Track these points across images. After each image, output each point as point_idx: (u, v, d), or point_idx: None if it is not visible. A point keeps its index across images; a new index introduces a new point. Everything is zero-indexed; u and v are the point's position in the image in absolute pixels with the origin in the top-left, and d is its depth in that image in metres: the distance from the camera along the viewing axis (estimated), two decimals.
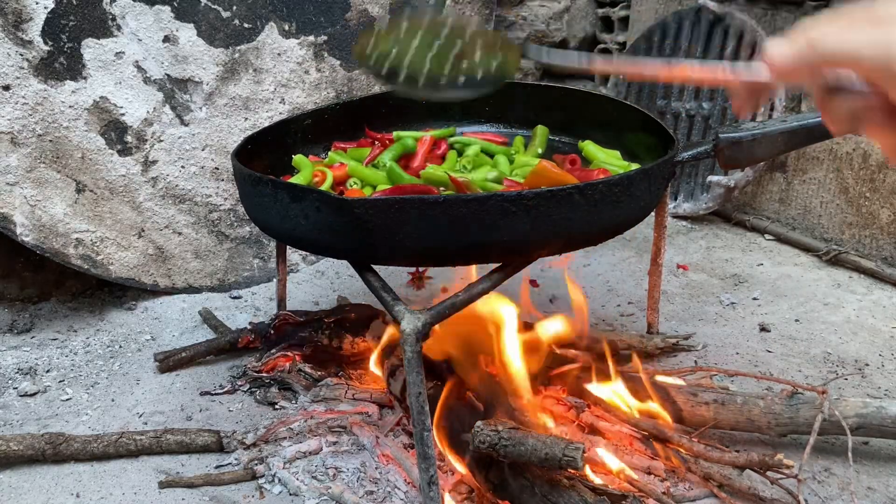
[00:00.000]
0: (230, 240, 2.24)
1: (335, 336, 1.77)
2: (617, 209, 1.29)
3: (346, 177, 1.58)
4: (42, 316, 2.09)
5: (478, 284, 1.29)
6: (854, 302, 2.13)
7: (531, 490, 1.30)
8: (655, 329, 1.83)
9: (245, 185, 1.41)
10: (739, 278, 2.28)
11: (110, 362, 1.88)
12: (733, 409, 1.51)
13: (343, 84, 2.34)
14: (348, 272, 2.30)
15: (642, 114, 1.65)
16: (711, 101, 2.59)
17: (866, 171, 2.32)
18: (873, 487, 1.43)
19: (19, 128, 1.91)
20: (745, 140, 1.54)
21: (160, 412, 1.68)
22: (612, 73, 2.31)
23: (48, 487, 1.45)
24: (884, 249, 2.31)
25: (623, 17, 3.01)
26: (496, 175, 1.54)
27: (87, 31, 1.96)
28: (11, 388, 1.77)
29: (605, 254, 2.43)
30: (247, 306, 2.14)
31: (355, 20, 2.32)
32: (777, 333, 1.97)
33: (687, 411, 1.53)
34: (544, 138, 1.76)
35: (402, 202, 1.19)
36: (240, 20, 2.16)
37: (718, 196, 2.57)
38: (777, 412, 1.48)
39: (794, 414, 1.47)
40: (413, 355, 1.20)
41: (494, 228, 1.20)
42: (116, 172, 2.05)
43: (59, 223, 1.98)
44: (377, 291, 1.29)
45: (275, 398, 1.68)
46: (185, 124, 2.14)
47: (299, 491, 1.41)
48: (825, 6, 2.37)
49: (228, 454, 1.53)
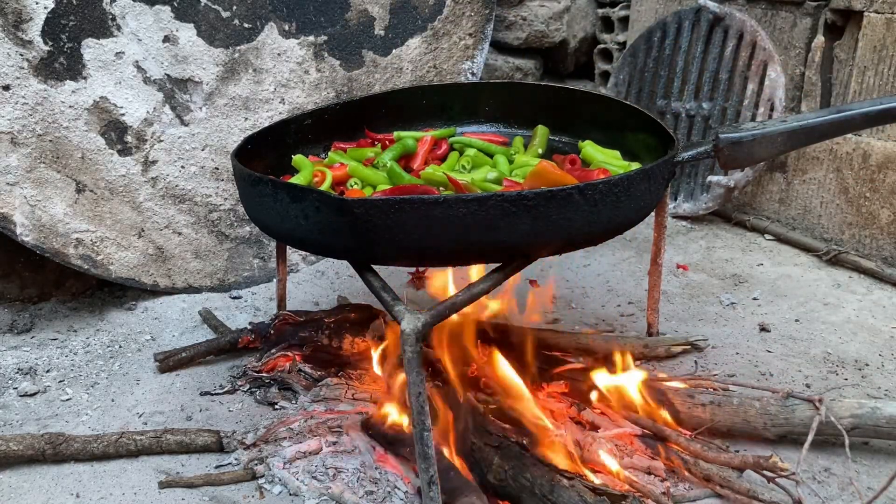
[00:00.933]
0: (230, 240, 2.24)
1: (335, 336, 1.77)
2: (617, 209, 1.29)
3: (347, 177, 1.58)
4: (42, 316, 2.09)
5: (478, 284, 1.29)
6: (854, 302, 2.13)
7: (531, 490, 1.30)
8: (655, 329, 1.83)
9: (245, 185, 1.41)
10: (739, 278, 2.28)
11: (110, 362, 1.88)
12: (730, 410, 1.51)
13: (343, 84, 2.34)
14: (348, 272, 2.30)
15: (642, 114, 1.65)
16: (711, 101, 2.59)
17: (866, 171, 2.32)
18: (873, 487, 1.43)
19: (19, 128, 1.91)
20: (745, 140, 1.54)
21: (160, 412, 1.68)
22: None
23: (48, 487, 1.45)
24: (884, 249, 2.31)
25: (623, 17, 3.01)
26: (496, 176, 1.54)
27: (87, 31, 1.96)
28: (11, 388, 1.77)
29: (605, 254, 2.43)
30: (247, 306, 2.14)
31: (355, 20, 2.32)
32: (777, 333, 1.97)
33: (684, 413, 1.53)
34: (545, 138, 1.76)
35: (402, 202, 1.19)
36: (240, 20, 2.16)
37: (718, 196, 2.57)
38: (773, 413, 1.49)
39: (790, 415, 1.48)
40: (413, 355, 1.20)
41: (494, 228, 1.20)
42: (116, 172, 2.05)
43: (59, 223, 1.98)
44: (377, 291, 1.30)
45: (275, 398, 1.68)
46: (185, 124, 2.14)
47: (299, 491, 1.41)
48: (825, 6, 2.37)
49: (228, 454, 1.53)
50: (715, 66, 2.58)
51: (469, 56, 2.51)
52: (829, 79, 2.41)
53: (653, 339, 1.82)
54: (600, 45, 3.13)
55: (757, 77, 2.48)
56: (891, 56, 2.22)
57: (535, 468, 1.33)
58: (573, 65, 3.25)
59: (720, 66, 2.57)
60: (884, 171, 2.28)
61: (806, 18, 2.43)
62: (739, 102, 2.54)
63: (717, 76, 2.58)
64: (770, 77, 2.45)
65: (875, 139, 2.29)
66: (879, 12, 2.24)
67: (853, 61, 2.32)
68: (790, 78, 2.48)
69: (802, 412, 1.47)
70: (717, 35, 2.57)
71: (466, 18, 2.47)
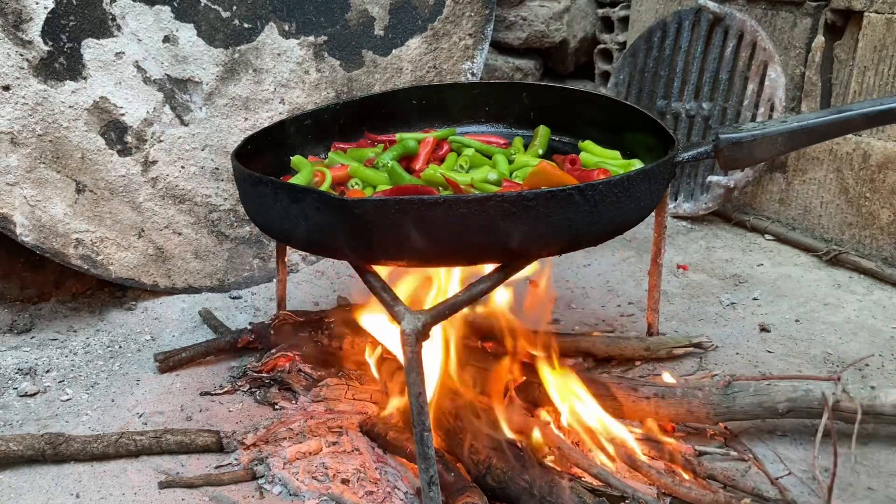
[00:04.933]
0: (230, 240, 2.24)
1: (335, 336, 1.77)
2: (617, 210, 1.29)
3: (347, 177, 1.57)
4: (42, 316, 2.09)
5: (478, 284, 1.29)
6: (854, 302, 2.13)
7: (529, 492, 1.30)
8: (655, 329, 1.83)
9: (245, 185, 1.41)
10: (739, 278, 2.28)
11: (110, 362, 1.88)
12: (673, 401, 1.54)
13: (343, 84, 2.34)
14: (348, 272, 2.30)
15: (642, 114, 1.65)
16: (711, 101, 2.60)
17: (866, 171, 2.32)
18: (873, 488, 1.44)
19: (19, 128, 1.91)
20: (745, 141, 1.54)
21: (160, 412, 1.68)
22: None
23: (48, 487, 1.45)
24: (884, 249, 2.31)
25: (623, 17, 3.01)
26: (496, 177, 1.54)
27: (87, 31, 1.96)
28: (11, 388, 1.77)
29: (605, 254, 2.43)
30: (247, 306, 2.14)
31: (355, 20, 2.32)
32: (777, 334, 1.97)
33: (628, 406, 1.56)
34: (546, 139, 1.76)
35: (402, 202, 1.19)
36: (240, 20, 2.16)
37: (718, 196, 2.57)
38: (715, 402, 1.53)
39: (731, 403, 1.52)
40: (413, 355, 1.20)
41: (494, 228, 1.20)
42: (116, 172, 2.05)
43: (59, 223, 1.99)
44: (377, 291, 1.30)
45: (275, 398, 1.68)
46: (185, 124, 2.14)
47: (299, 491, 1.41)
48: (825, 6, 2.37)
49: (228, 454, 1.53)
50: (715, 66, 2.58)
51: (469, 56, 2.51)
52: (829, 79, 2.41)
53: (654, 339, 1.82)
54: (600, 45, 3.13)
55: (757, 77, 2.48)
56: (891, 56, 2.22)
57: (534, 469, 1.33)
58: (573, 65, 3.25)
59: (720, 66, 2.57)
60: (884, 172, 2.28)
61: (806, 18, 2.43)
62: (739, 103, 2.54)
63: (717, 76, 2.58)
64: (770, 77, 2.45)
65: (875, 139, 2.29)
66: (879, 12, 2.24)
67: (853, 61, 2.32)
68: (790, 78, 2.48)
69: (743, 399, 1.52)
70: (717, 35, 2.57)
71: (466, 19, 2.47)
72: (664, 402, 1.54)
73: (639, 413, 1.55)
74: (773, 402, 1.50)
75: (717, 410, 1.53)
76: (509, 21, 3.03)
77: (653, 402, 1.55)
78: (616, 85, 2.84)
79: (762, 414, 1.52)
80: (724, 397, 1.52)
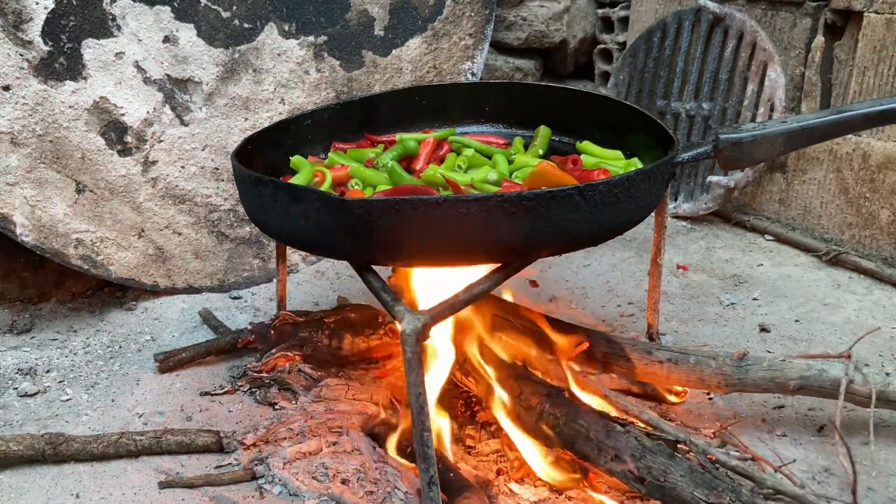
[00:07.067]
0: (230, 240, 2.24)
1: (335, 336, 1.77)
2: (617, 210, 1.29)
3: (347, 177, 1.57)
4: (42, 316, 2.09)
5: (478, 284, 1.29)
6: (854, 302, 2.13)
7: (586, 436, 1.30)
8: (655, 329, 1.83)
9: (245, 185, 1.41)
10: (739, 278, 2.28)
11: (110, 363, 1.88)
12: (686, 368, 1.56)
13: (343, 84, 2.34)
14: (348, 272, 2.30)
15: (642, 114, 1.65)
16: (711, 101, 2.60)
17: (866, 171, 2.32)
18: (873, 488, 1.44)
19: (19, 128, 1.91)
20: (745, 141, 1.54)
21: (160, 412, 1.68)
22: None
23: (48, 488, 1.45)
24: (884, 250, 2.31)
25: (623, 17, 3.01)
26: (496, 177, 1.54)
27: (87, 31, 1.96)
28: (11, 388, 1.77)
29: (605, 254, 2.43)
30: (247, 307, 2.14)
31: (355, 20, 2.32)
32: (777, 334, 1.97)
33: (640, 368, 1.58)
34: (546, 139, 1.76)
35: (402, 202, 1.19)
36: (240, 20, 2.16)
37: (718, 196, 2.57)
38: (727, 373, 1.54)
39: (744, 375, 1.54)
40: (413, 355, 1.20)
41: (494, 228, 1.20)
42: (116, 173, 2.05)
43: (59, 223, 1.99)
44: (377, 292, 1.29)
45: (275, 398, 1.68)
46: (185, 124, 2.14)
47: (299, 491, 1.41)
48: (825, 6, 2.37)
49: (228, 454, 1.53)
50: (715, 66, 2.58)
51: (469, 56, 2.51)
52: (829, 79, 2.41)
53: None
54: (600, 46, 3.13)
55: (757, 77, 2.48)
56: (891, 56, 2.23)
57: (589, 415, 1.34)
58: (573, 65, 3.25)
59: (720, 66, 2.57)
60: (884, 172, 2.28)
61: (806, 19, 2.43)
62: (739, 103, 2.54)
63: (717, 76, 2.58)
64: (770, 77, 2.45)
65: (875, 139, 2.29)
66: (879, 12, 2.24)
67: (853, 61, 2.32)
68: (790, 78, 2.48)
69: (756, 373, 1.53)
70: (717, 35, 2.57)
71: (466, 19, 2.47)
72: (676, 367, 1.56)
73: (650, 376, 1.58)
74: (786, 378, 1.51)
75: (728, 381, 1.54)
76: (509, 21, 3.03)
77: (665, 367, 1.57)
78: (616, 85, 2.84)
79: (772, 389, 1.53)
80: (736, 369, 1.54)
